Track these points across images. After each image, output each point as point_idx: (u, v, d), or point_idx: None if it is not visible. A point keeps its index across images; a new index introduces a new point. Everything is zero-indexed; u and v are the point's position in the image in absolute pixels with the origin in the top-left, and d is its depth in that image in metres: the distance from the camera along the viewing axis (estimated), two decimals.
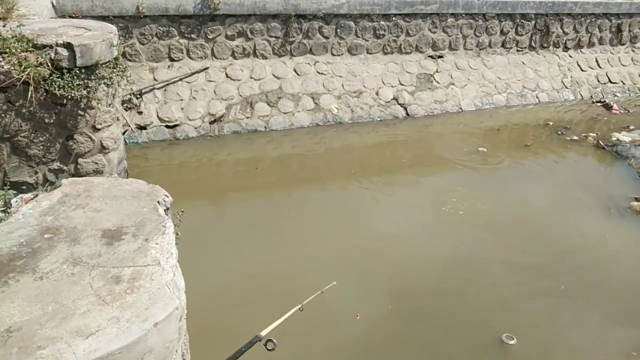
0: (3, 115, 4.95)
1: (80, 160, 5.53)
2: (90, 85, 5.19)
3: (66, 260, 2.29)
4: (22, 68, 4.72)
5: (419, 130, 9.05)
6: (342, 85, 9.25)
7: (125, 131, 7.34)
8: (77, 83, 5.08)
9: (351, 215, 6.28)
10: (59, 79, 4.99)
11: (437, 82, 10.03)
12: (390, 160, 7.94)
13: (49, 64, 4.95)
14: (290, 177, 7.18)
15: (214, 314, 4.49)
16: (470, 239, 5.91)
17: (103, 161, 5.68)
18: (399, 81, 9.72)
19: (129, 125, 7.51)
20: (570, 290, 5.20)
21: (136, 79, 7.83)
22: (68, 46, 5.00)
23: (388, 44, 9.83)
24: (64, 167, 5.47)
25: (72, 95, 5.07)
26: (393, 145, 8.45)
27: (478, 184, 7.25)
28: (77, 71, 5.08)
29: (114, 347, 1.89)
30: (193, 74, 8.33)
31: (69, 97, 5.10)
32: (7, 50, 4.72)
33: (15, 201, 2.71)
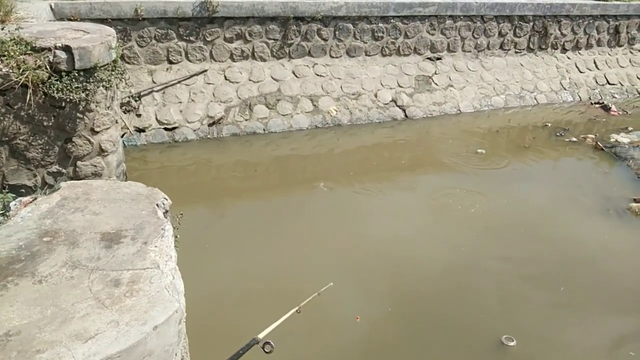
0: (1, 118, 4.95)
1: (79, 163, 5.53)
2: (88, 88, 5.19)
3: (65, 264, 2.29)
4: (21, 71, 4.71)
5: (417, 132, 9.05)
6: (341, 87, 9.26)
7: (124, 134, 7.33)
8: (76, 86, 5.08)
9: (350, 217, 6.28)
10: (58, 82, 4.99)
11: (436, 84, 10.04)
12: (389, 162, 7.95)
13: (48, 67, 4.95)
14: (289, 180, 7.18)
15: (213, 317, 4.48)
16: (470, 241, 5.92)
17: (102, 164, 5.67)
18: (398, 83, 9.73)
19: (128, 128, 7.50)
20: (570, 292, 5.20)
21: (135, 81, 7.83)
22: (66, 49, 5.00)
23: (386, 46, 9.84)
24: (63, 170, 5.47)
25: (71, 98, 5.07)
26: (392, 147, 8.46)
27: (477, 185, 7.25)
28: (76, 74, 5.07)
29: (113, 351, 1.88)
30: (192, 76, 8.33)
31: (68, 100, 5.10)
32: (6, 53, 4.72)
33: (14, 204, 2.71)
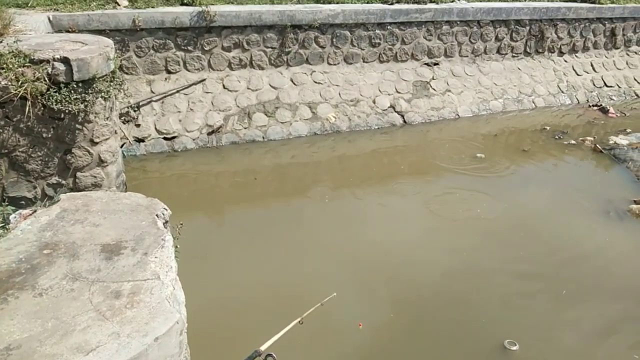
0: (1, 130, 4.96)
1: (78, 174, 5.53)
2: (87, 99, 5.20)
3: (65, 276, 2.28)
4: (20, 83, 4.73)
5: (416, 137, 9.06)
6: (339, 94, 9.27)
7: (123, 144, 7.34)
8: (75, 97, 5.09)
9: (351, 224, 6.27)
10: (57, 94, 5.00)
11: (434, 89, 10.06)
12: (389, 168, 7.95)
13: (46, 79, 4.96)
14: (289, 187, 7.18)
15: (215, 327, 4.47)
16: (471, 245, 5.91)
17: (101, 175, 5.68)
18: (396, 89, 9.75)
19: (127, 138, 7.51)
20: (571, 295, 5.19)
21: (133, 91, 7.84)
22: (65, 61, 5.02)
23: (384, 52, 9.87)
24: (63, 182, 5.47)
25: (70, 109, 5.08)
26: (391, 153, 8.47)
27: (477, 190, 7.25)
28: (75, 85, 5.09)
29: None
30: (190, 85, 8.35)
31: (67, 112, 5.11)
32: (4, 65, 4.74)
33: (14, 217, 2.71)
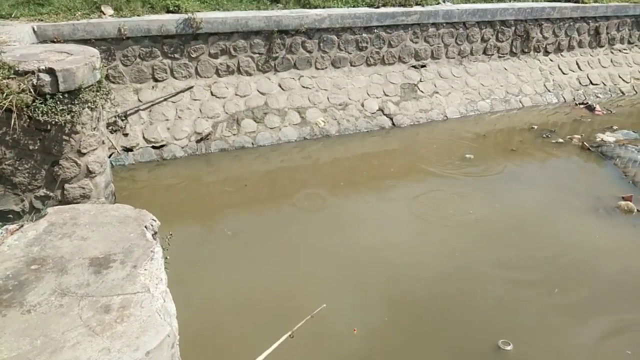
0: None
1: (66, 185, 5.48)
2: (74, 110, 5.16)
3: (54, 292, 2.25)
4: (4, 95, 4.68)
5: (405, 139, 9.09)
6: (328, 98, 9.28)
7: (111, 154, 7.29)
8: (61, 108, 5.05)
9: (342, 228, 6.27)
10: (42, 105, 4.96)
11: (422, 92, 10.10)
12: (379, 171, 7.96)
13: (32, 90, 4.92)
14: (279, 193, 7.16)
15: (207, 339, 4.44)
16: (463, 246, 5.93)
17: (90, 185, 5.63)
18: (384, 92, 9.78)
19: (115, 148, 7.46)
20: (564, 293, 5.22)
21: (120, 100, 7.80)
22: (50, 71, 4.98)
23: (371, 55, 9.90)
24: (51, 194, 5.42)
25: (56, 120, 5.04)
26: (381, 156, 8.48)
27: (467, 190, 7.28)
28: (60, 96, 5.05)
29: None
30: (178, 93, 8.32)
31: (53, 123, 5.07)
32: None
33: (0, 233, 2.67)
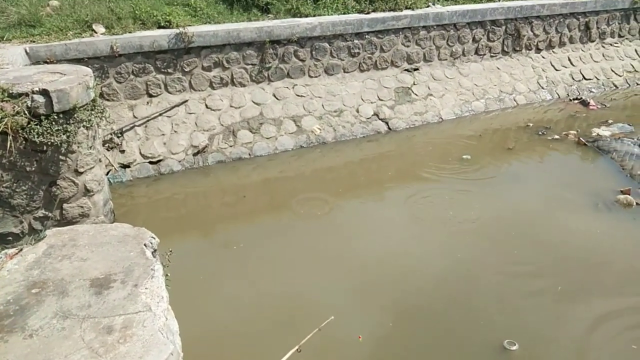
0: None
1: (65, 205, 5.48)
2: (69, 130, 5.17)
3: (55, 315, 2.25)
4: None
5: (402, 143, 9.11)
6: (322, 105, 9.30)
7: (108, 171, 7.29)
8: (56, 128, 5.06)
9: (344, 235, 6.27)
10: (38, 126, 4.97)
11: (416, 95, 10.13)
12: (377, 176, 7.97)
13: (26, 112, 4.93)
14: (278, 202, 7.16)
15: (212, 356, 4.43)
16: (464, 247, 5.93)
17: (88, 204, 5.63)
18: (378, 97, 9.81)
19: (112, 165, 7.46)
20: (568, 290, 5.22)
21: (116, 117, 7.81)
22: (44, 93, 4.99)
23: (364, 61, 9.93)
24: (49, 214, 5.41)
25: (52, 141, 5.05)
26: (378, 160, 8.50)
27: (465, 191, 7.29)
28: (55, 117, 5.06)
29: None
30: (172, 107, 8.33)
31: (49, 143, 5.07)
32: None
33: (0, 257, 2.67)
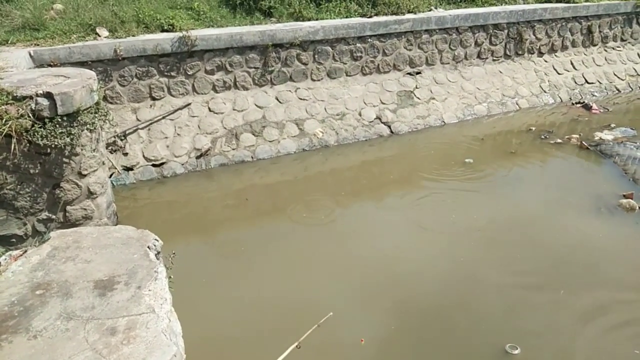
0: None
1: (68, 207, 5.50)
2: (73, 133, 5.20)
3: (59, 316, 2.26)
4: (3, 121, 4.71)
5: (404, 146, 9.11)
6: (325, 109, 9.32)
7: (111, 174, 7.31)
8: (60, 131, 5.09)
9: (346, 238, 6.27)
10: (42, 129, 4.99)
11: (418, 98, 10.14)
12: (379, 179, 7.98)
13: (30, 115, 4.95)
14: (281, 205, 7.17)
15: (215, 356, 4.44)
16: (467, 251, 5.93)
17: (92, 206, 5.65)
18: (380, 100, 9.82)
19: (115, 168, 7.49)
20: (570, 295, 5.21)
21: (119, 120, 7.84)
22: (48, 96, 5.02)
23: (366, 65, 9.96)
24: (53, 216, 5.44)
25: (56, 143, 5.07)
26: (380, 164, 8.50)
27: (468, 195, 7.29)
28: (59, 119, 5.08)
29: None
30: (175, 110, 8.36)
31: (53, 146, 5.10)
32: None
33: (4, 259, 2.68)
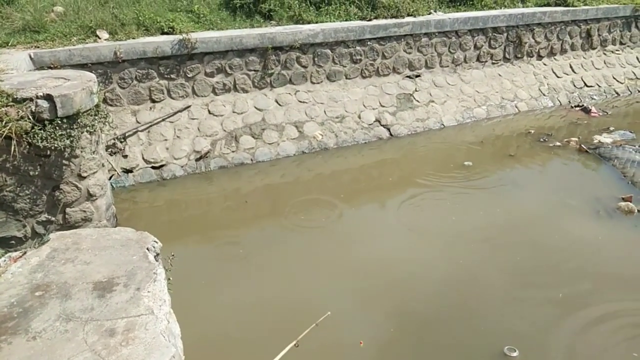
0: None
1: (68, 209, 5.51)
2: (73, 135, 5.21)
3: (59, 317, 2.27)
4: (3, 123, 4.73)
5: (403, 149, 9.13)
6: (324, 111, 9.34)
7: (111, 176, 7.32)
8: (60, 133, 5.10)
9: (345, 240, 6.28)
10: (41, 131, 5.01)
11: (417, 101, 10.17)
12: (378, 181, 7.99)
13: (30, 117, 4.97)
14: (280, 207, 7.18)
15: (213, 356, 4.44)
16: (466, 253, 5.94)
17: (91, 209, 5.65)
18: (380, 103, 9.84)
19: (115, 170, 7.50)
20: (569, 298, 5.22)
21: (119, 123, 7.85)
22: (48, 98, 5.03)
23: (366, 68, 9.98)
24: (52, 218, 5.44)
25: (56, 145, 5.08)
26: (379, 166, 8.51)
27: (467, 198, 7.31)
28: (59, 121, 5.10)
29: None
30: (175, 113, 8.38)
31: (53, 148, 5.11)
32: None
33: (4, 260, 2.69)
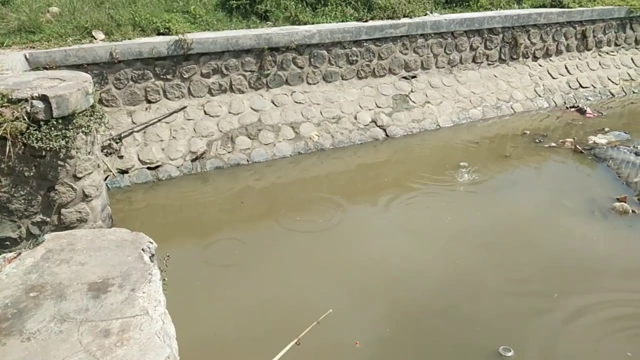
0: None
1: (63, 210, 5.49)
2: (68, 135, 5.20)
3: (53, 318, 2.27)
4: None
5: (399, 150, 9.14)
6: (320, 112, 9.35)
7: (107, 177, 7.31)
8: (55, 134, 5.09)
9: (341, 241, 6.28)
10: (37, 132, 4.99)
11: (413, 102, 10.18)
12: (374, 182, 8.00)
13: (26, 118, 4.96)
14: (276, 208, 7.18)
15: (210, 357, 4.43)
16: (461, 253, 5.95)
17: (86, 209, 5.64)
18: (376, 104, 9.86)
19: (111, 171, 7.48)
20: (563, 298, 5.24)
21: (114, 123, 7.84)
22: (43, 98, 5.02)
23: (362, 68, 9.99)
24: (47, 219, 5.43)
25: (51, 146, 5.07)
26: (375, 167, 8.53)
27: (463, 198, 7.33)
28: (54, 122, 5.08)
29: None
30: (171, 114, 8.37)
31: (48, 149, 5.10)
32: None
33: None
